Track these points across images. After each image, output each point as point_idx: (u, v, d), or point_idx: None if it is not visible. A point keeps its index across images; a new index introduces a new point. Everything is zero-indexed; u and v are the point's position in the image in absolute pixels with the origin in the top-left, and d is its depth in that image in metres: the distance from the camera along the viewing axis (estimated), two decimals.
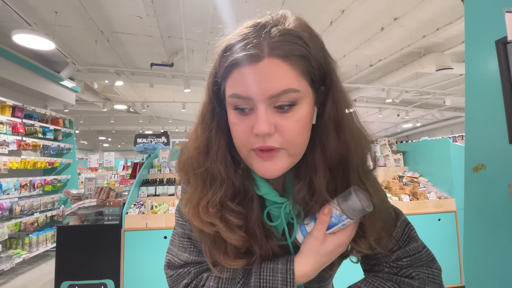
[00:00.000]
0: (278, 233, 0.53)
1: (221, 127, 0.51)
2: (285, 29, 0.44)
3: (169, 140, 4.36)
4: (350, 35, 4.54)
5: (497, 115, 1.20)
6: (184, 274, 0.57)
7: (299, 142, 0.45)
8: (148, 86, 6.79)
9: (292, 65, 0.42)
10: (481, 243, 1.29)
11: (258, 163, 0.46)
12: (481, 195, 1.28)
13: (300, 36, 0.43)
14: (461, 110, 10.40)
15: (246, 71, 0.42)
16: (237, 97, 0.44)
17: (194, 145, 0.52)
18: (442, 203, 3.00)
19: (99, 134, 15.94)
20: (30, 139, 4.15)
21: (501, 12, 1.05)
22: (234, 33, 0.47)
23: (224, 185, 0.49)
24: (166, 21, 4.10)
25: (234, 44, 0.44)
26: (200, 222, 0.48)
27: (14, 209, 3.88)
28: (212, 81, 0.50)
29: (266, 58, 0.41)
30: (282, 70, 0.42)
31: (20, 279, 3.57)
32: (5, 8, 3.33)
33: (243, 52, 0.42)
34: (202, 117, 0.52)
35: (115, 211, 2.78)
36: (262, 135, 0.43)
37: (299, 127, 0.44)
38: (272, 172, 0.45)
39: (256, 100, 0.42)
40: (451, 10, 3.81)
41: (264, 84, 0.42)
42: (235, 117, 0.46)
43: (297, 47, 0.43)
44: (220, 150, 0.50)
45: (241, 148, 0.47)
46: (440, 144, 3.22)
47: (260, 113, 0.42)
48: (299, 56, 0.43)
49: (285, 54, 0.42)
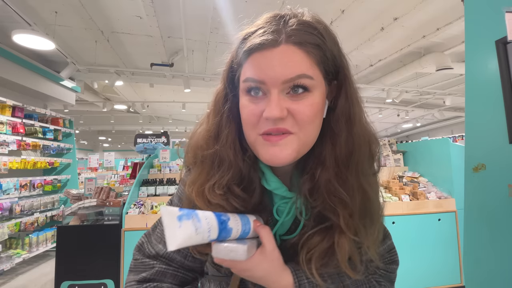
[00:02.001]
0: (282, 229, 0.52)
1: (232, 113, 0.51)
2: (302, 20, 0.45)
3: (169, 140, 4.36)
4: (350, 35, 4.54)
5: (497, 115, 1.20)
6: (148, 266, 0.57)
7: (310, 127, 0.45)
8: (148, 86, 6.79)
9: (307, 52, 0.43)
10: (481, 243, 1.29)
11: (264, 149, 0.45)
12: (481, 195, 1.28)
13: (316, 27, 0.45)
14: (461, 110, 10.39)
15: (262, 56, 0.43)
16: (251, 81, 0.44)
17: (204, 129, 0.53)
18: (442, 203, 3.00)
19: (99, 134, 15.94)
20: (30, 139, 4.15)
21: (501, 12, 1.05)
22: (253, 24, 0.48)
23: (232, 169, 0.49)
24: (166, 21, 4.10)
25: (252, 32, 0.46)
26: (203, 202, 0.49)
27: (14, 209, 3.88)
28: (228, 68, 0.51)
29: (283, 44, 0.43)
30: (298, 56, 0.43)
31: (20, 279, 3.57)
32: (5, 8, 3.33)
33: (261, 38, 0.43)
34: (215, 102, 0.53)
35: (115, 211, 2.78)
36: (273, 119, 0.43)
37: (311, 111, 0.44)
38: (279, 158, 0.44)
39: (269, 84, 0.43)
40: (451, 10, 3.81)
41: (279, 68, 0.42)
42: (246, 101, 0.46)
43: (312, 36, 0.44)
44: (230, 135, 0.50)
45: (250, 132, 0.47)
46: (440, 144, 3.22)
47: (272, 97, 0.43)
48: (314, 45, 0.44)
49: (301, 41, 0.43)
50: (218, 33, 4.46)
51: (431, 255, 2.87)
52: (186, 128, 13.24)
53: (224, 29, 4.26)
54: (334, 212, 0.47)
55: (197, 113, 10.16)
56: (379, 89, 7.06)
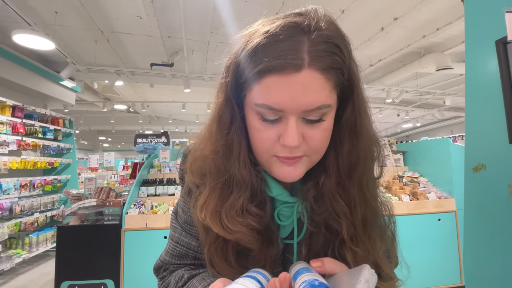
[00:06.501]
0: (284, 233, 0.52)
1: (241, 130, 0.47)
2: (326, 36, 0.40)
3: (169, 140, 4.36)
4: (350, 35, 4.43)
5: (497, 115, 1.20)
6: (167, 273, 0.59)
7: (322, 150, 0.45)
8: (148, 86, 6.78)
9: (328, 78, 0.40)
10: (481, 243, 1.29)
11: (279, 168, 0.45)
12: (481, 195, 1.28)
13: (338, 45, 0.41)
14: (461, 110, 10.39)
15: (282, 81, 0.38)
16: (267, 108, 0.40)
17: (209, 147, 0.49)
18: (442, 203, 3.00)
19: (99, 134, 15.94)
20: (30, 139, 4.15)
21: (501, 12, 1.05)
22: (262, 31, 0.41)
23: (248, 189, 0.47)
24: (166, 21, 4.10)
25: (266, 44, 0.39)
26: (221, 229, 0.46)
27: (14, 209, 3.88)
28: (232, 81, 0.45)
29: (306, 69, 0.38)
30: (320, 84, 0.39)
31: (20, 279, 3.57)
32: (5, 8, 3.33)
33: (282, 60, 0.38)
34: (219, 118, 0.48)
35: (115, 211, 2.78)
36: (291, 147, 0.42)
37: (324, 137, 0.44)
38: (292, 177, 0.45)
39: (287, 112, 0.40)
40: (451, 10, 3.81)
41: (301, 98, 0.39)
42: (259, 124, 0.43)
43: (336, 58, 0.40)
44: (242, 153, 0.47)
45: (263, 154, 0.45)
46: (440, 144, 3.22)
47: (290, 126, 0.41)
48: (336, 69, 0.41)
49: (325, 66, 0.39)
50: (218, 33, 4.46)
51: (431, 255, 2.86)
52: (186, 128, 13.25)
53: (224, 29, 4.26)
54: (337, 221, 0.47)
55: (197, 113, 10.17)
56: (379, 89, 7.05)
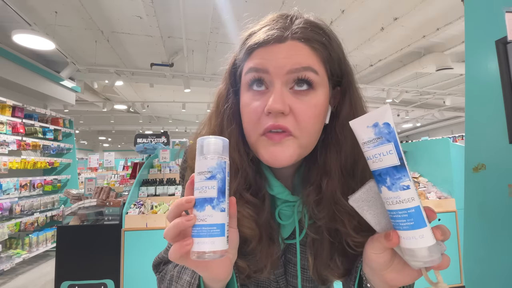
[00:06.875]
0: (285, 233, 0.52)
1: (234, 113, 0.49)
2: (308, 19, 0.45)
3: (169, 140, 4.36)
4: (350, 35, 4.53)
5: (497, 115, 1.20)
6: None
7: (311, 130, 0.43)
8: (148, 86, 6.78)
9: (313, 49, 0.43)
10: (481, 243, 1.29)
11: (265, 148, 0.43)
12: (481, 195, 1.28)
13: (322, 27, 0.45)
14: (461, 110, 10.39)
15: (267, 50, 0.42)
16: (254, 70, 0.43)
17: (207, 131, 0.51)
18: (442, 203, 3.00)
19: (99, 134, 15.94)
20: (30, 139, 4.15)
21: (501, 12, 1.05)
22: (257, 23, 0.47)
23: (239, 174, 0.47)
24: (166, 21, 4.10)
25: (257, 30, 0.45)
26: None
27: (14, 209, 3.88)
28: (231, 67, 0.50)
29: (289, 40, 0.42)
30: (304, 51, 0.42)
31: (20, 279, 3.57)
32: (5, 8, 3.33)
33: (266, 33, 0.43)
34: (217, 103, 0.52)
35: (115, 211, 2.78)
36: (275, 112, 0.41)
37: (314, 112, 0.43)
38: (281, 159, 0.43)
39: (273, 74, 0.42)
40: (451, 10, 3.81)
41: (284, 60, 0.41)
42: (248, 98, 0.45)
43: (319, 35, 0.44)
44: (234, 136, 0.48)
45: (251, 132, 0.45)
46: (440, 144, 3.22)
47: (275, 89, 0.42)
48: (320, 43, 0.43)
49: (308, 37, 0.43)
50: (218, 33, 4.46)
51: None
52: (186, 128, 13.25)
53: (224, 29, 4.26)
54: (341, 223, 0.46)
55: (197, 113, 10.16)
56: (379, 89, 7.05)
